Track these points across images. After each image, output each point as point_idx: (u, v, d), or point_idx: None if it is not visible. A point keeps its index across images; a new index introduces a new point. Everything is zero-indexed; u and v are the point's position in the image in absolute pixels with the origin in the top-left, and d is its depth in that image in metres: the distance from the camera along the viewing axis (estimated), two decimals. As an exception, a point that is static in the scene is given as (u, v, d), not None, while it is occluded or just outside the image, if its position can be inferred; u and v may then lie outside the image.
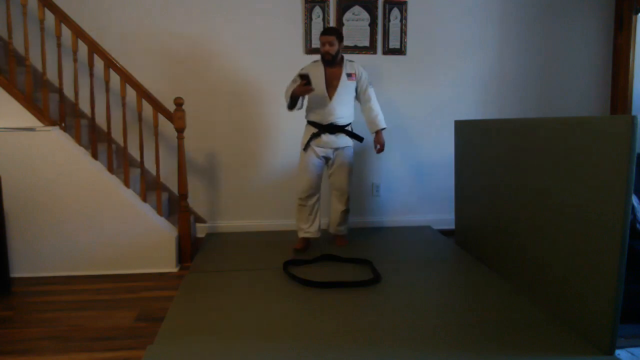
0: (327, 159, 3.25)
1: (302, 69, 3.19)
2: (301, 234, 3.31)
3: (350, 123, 3.25)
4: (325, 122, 3.15)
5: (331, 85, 3.13)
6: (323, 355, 1.89)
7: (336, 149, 3.21)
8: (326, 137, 3.16)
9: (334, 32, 3.07)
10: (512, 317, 2.21)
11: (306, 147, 3.20)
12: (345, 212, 3.37)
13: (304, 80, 2.94)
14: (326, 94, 3.12)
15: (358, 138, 3.26)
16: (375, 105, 3.26)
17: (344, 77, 3.14)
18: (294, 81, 3.16)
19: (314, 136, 3.17)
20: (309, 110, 3.24)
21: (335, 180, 3.29)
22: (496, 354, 1.88)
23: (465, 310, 2.31)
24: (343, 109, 3.16)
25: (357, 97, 3.28)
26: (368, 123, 3.29)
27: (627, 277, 1.88)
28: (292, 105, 3.14)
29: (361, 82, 3.22)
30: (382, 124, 3.24)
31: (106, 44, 3.30)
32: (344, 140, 3.21)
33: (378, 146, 3.27)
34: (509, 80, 4.02)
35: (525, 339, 1.99)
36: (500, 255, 2.77)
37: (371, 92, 3.25)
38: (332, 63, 3.13)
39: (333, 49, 3.07)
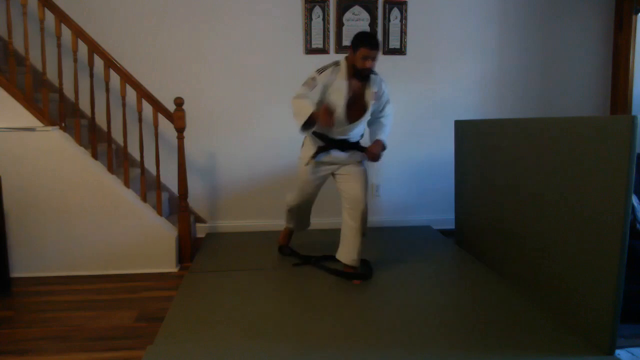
0: (332, 174, 2.82)
1: (320, 71, 2.58)
2: (287, 225, 3.16)
3: (362, 135, 2.82)
4: (336, 138, 2.69)
5: (353, 106, 2.62)
6: (323, 355, 1.89)
7: (345, 165, 2.77)
8: (336, 153, 2.71)
9: (380, 47, 2.57)
10: (512, 317, 2.21)
11: (309, 162, 2.72)
12: (359, 234, 2.71)
13: (331, 112, 2.46)
14: (345, 117, 2.62)
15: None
16: (388, 120, 2.77)
17: (370, 98, 2.64)
18: (306, 84, 2.57)
19: (321, 150, 2.70)
20: None
21: (346, 187, 2.71)
22: (496, 354, 1.88)
23: (465, 310, 2.31)
24: (360, 127, 2.74)
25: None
26: (371, 133, 2.80)
27: (627, 277, 1.88)
28: (307, 127, 2.52)
29: (382, 99, 2.73)
30: (385, 137, 2.71)
31: (106, 44, 3.29)
32: (354, 156, 2.75)
33: (372, 152, 2.67)
34: (509, 80, 4.02)
35: (525, 339, 1.99)
36: (500, 255, 2.77)
37: (389, 108, 2.77)
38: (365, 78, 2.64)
39: (374, 65, 2.57)
